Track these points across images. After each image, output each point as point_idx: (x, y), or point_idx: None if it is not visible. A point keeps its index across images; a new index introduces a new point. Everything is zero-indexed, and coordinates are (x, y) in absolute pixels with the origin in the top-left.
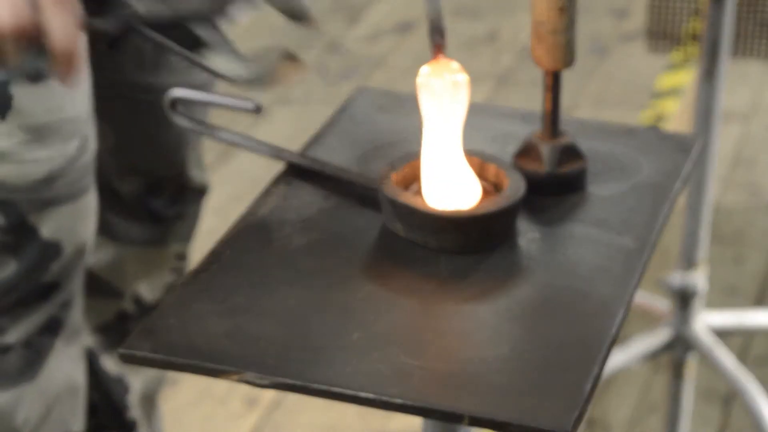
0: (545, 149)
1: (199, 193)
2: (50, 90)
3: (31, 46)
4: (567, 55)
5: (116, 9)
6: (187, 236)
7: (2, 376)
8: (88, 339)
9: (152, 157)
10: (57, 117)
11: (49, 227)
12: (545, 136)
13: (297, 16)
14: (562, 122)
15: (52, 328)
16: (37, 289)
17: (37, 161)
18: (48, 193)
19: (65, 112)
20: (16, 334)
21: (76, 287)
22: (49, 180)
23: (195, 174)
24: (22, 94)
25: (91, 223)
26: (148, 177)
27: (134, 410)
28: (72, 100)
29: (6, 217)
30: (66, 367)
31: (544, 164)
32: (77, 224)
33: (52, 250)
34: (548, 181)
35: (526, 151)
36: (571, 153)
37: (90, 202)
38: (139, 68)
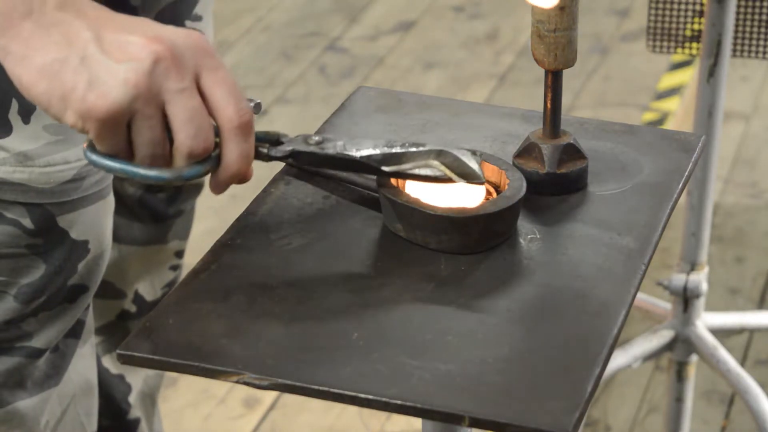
0: (546, 149)
1: (196, 189)
2: None
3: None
4: (568, 54)
5: (289, 143)
6: (185, 233)
7: (31, 382)
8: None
9: None
10: None
11: (77, 227)
12: (546, 136)
13: (468, 176)
14: (563, 122)
15: (77, 330)
16: (64, 291)
17: (67, 162)
18: (76, 194)
19: None
20: (45, 338)
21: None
22: (77, 180)
23: None
24: None
25: (111, 220)
26: None
27: (136, 410)
28: None
29: (34, 221)
30: (81, 367)
31: (544, 164)
32: (102, 222)
33: (81, 249)
34: (549, 180)
35: (527, 150)
36: (571, 153)
37: (112, 200)
38: None
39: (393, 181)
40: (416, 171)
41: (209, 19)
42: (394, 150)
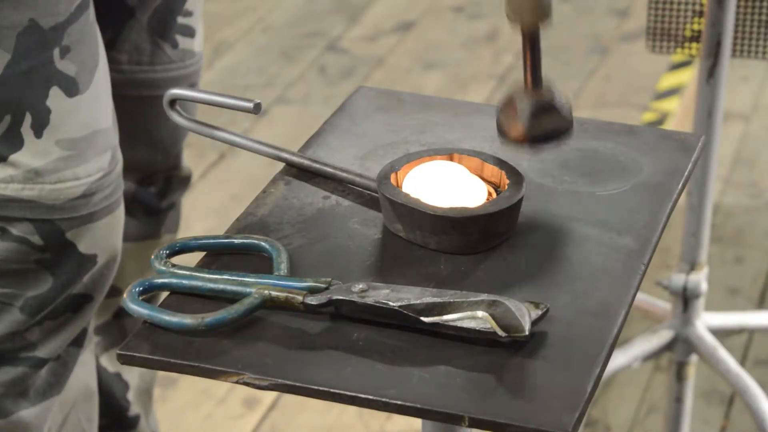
0: (523, 104)
1: (186, 181)
2: (85, 103)
3: None
4: (539, 9)
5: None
6: (176, 227)
7: (33, 391)
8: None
9: (150, 152)
10: (92, 130)
11: (86, 242)
12: (526, 92)
13: (512, 329)
14: None
15: (80, 339)
16: (68, 301)
17: (77, 178)
18: (85, 209)
19: (98, 124)
20: (49, 348)
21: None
22: (87, 196)
23: (183, 164)
24: (60, 108)
25: (121, 232)
26: (143, 172)
27: (135, 407)
28: (102, 112)
29: (43, 237)
30: (81, 373)
31: (520, 119)
32: (111, 236)
33: (89, 263)
34: (526, 134)
35: (507, 104)
36: (549, 108)
37: (122, 213)
38: (137, 65)
39: (393, 181)
40: (458, 323)
41: (200, 15)
42: (439, 299)
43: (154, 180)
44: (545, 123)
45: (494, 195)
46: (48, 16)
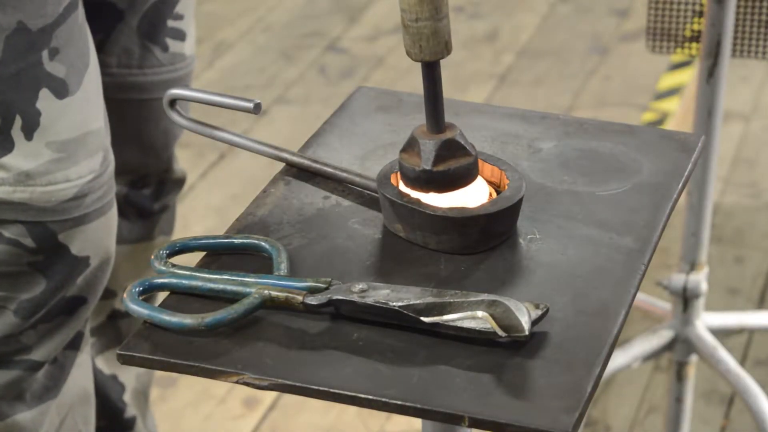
0: (424, 145)
1: (179, 183)
2: (75, 104)
3: None
4: (434, 46)
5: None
6: (170, 229)
7: (30, 395)
8: None
9: (141, 155)
10: (82, 131)
11: (79, 244)
12: (428, 131)
13: (512, 329)
14: (562, 122)
15: (76, 342)
16: (62, 304)
17: (68, 180)
18: (77, 211)
19: (89, 126)
20: (44, 351)
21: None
22: (79, 198)
23: (176, 166)
24: (50, 110)
25: (114, 234)
26: (135, 175)
27: (131, 408)
28: (93, 113)
29: (35, 239)
30: (78, 376)
31: (422, 160)
32: (104, 237)
33: (82, 265)
34: (426, 177)
35: (410, 145)
36: (454, 149)
37: (115, 214)
38: (126, 68)
39: (393, 181)
40: (458, 323)
41: (191, 18)
42: (439, 299)
43: (146, 182)
44: (449, 164)
45: (494, 195)
46: (36, 17)
